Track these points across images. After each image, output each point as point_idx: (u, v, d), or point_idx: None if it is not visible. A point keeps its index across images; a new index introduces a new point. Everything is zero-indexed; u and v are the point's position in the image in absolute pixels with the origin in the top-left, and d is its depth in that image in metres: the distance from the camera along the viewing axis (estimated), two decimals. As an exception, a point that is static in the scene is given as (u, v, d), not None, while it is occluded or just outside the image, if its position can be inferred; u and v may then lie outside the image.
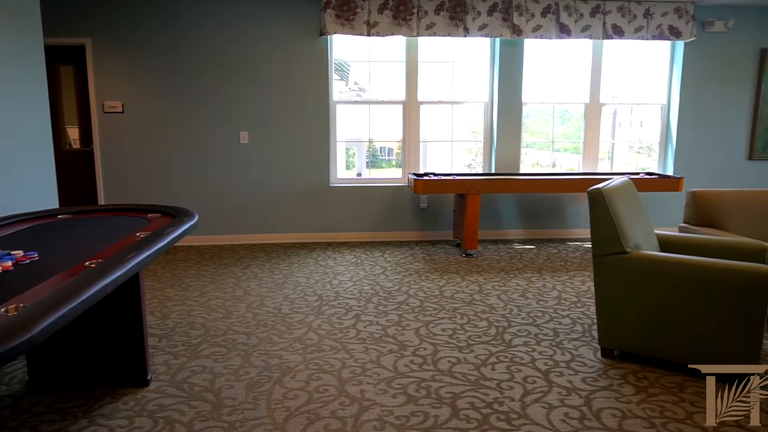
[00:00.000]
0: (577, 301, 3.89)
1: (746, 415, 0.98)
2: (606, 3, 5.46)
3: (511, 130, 5.78)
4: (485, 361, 2.92)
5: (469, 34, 5.37)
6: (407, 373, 2.78)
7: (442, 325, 3.43)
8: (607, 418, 2.36)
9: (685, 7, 5.54)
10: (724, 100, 5.91)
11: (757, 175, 6.03)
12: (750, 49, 5.84)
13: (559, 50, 5.91)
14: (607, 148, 6.41)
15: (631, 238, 2.79)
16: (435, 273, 4.60)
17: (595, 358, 2.95)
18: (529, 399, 2.52)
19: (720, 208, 3.86)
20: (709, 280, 2.57)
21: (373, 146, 6.38)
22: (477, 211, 5.05)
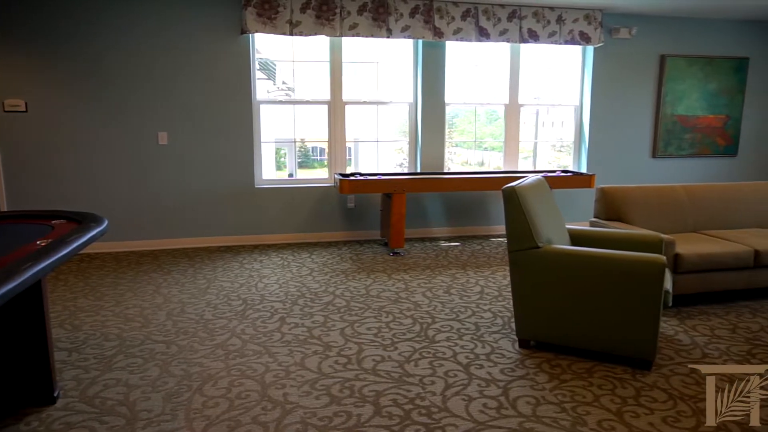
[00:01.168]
0: (499, 295, 4.04)
1: (746, 415, 1.02)
2: (522, 8, 5.70)
3: (436, 130, 5.91)
4: (409, 357, 2.97)
5: (392, 36, 5.44)
6: (331, 374, 2.78)
7: (367, 324, 3.45)
8: (523, 406, 2.46)
9: (593, 14, 5.88)
10: (630, 102, 6.33)
11: (660, 171, 6.50)
12: (651, 54, 6.28)
13: (481, 52, 6.10)
14: (531, 147, 6.70)
15: (543, 234, 2.93)
16: (362, 272, 4.62)
17: (513, 350, 3.08)
18: (450, 392, 2.59)
19: (625, 203, 4.13)
20: (612, 271, 2.75)
21: (304, 146, 6.32)
22: (403, 210, 5.12)
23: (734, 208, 4.37)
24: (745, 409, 1.00)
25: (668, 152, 6.50)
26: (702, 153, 6.60)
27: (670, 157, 6.53)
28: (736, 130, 6.64)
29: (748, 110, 6.64)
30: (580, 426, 2.30)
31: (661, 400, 2.52)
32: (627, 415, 2.40)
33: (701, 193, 4.37)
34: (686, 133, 6.50)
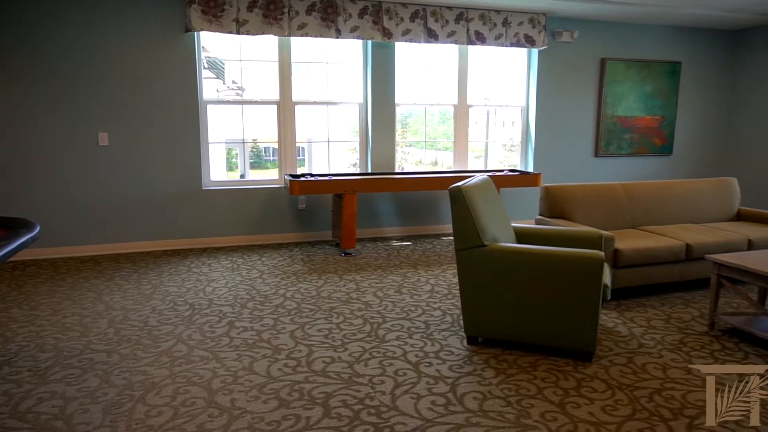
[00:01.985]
0: (448, 293, 4.10)
1: (746, 415, 1.04)
2: (469, 11, 5.80)
3: (386, 130, 5.94)
4: (359, 358, 2.98)
5: (341, 36, 5.43)
6: (280, 377, 2.75)
7: (318, 326, 3.44)
8: (470, 402, 2.51)
9: (537, 18, 6.05)
10: (573, 103, 6.55)
11: (602, 170, 6.75)
12: (592, 57, 6.52)
13: (430, 54, 6.17)
14: (483, 147, 6.83)
15: (489, 232, 2.99)
16: (313, 274, 4.59)
17: (461, 346, 3.13)
18: (399, 391, 2.61)
19: (568, 201, 4.27)
20: (554, 267, 2.84)
21: (256, 147, 6.21)
22: (354, 210, 5.12)
23: (669, 205, 4.59)
24: (745, 409, 1.03)
25: (609, 151, 6.77)
26: (640, 152, 6.90)
27: (611, 156, 6.80)
28: (671, 131, 6.98)
29: (681, 111, 7.00)
30: (524, 419, 2.37)
31: (601, 390, 2.63)
32: (569, 406, 2.48)
33: (638, 190, 4.57)
34: (626, 134, 6.79)
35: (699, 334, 3.34)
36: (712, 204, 4.72)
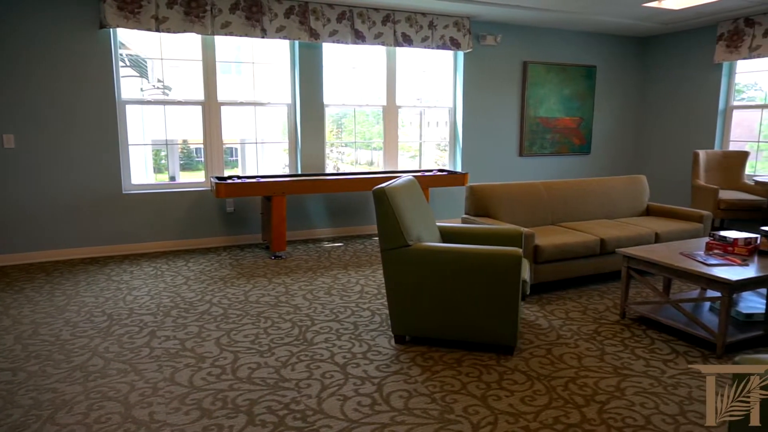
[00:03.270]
0: (378, 293, 4.13)
1: (746, 414, 1.06)
2: (396, 13, 5.87)
3: (315, 131, 5.90)
4: (286, 362, 2.94)
5: (267, 36, 5.34)
6: (203, 387, 2.67)
7: (244, 332, 3.36)
8: (395, 400, 2.54)
9: (462, 21, 6.21)
10: (498, 105, 6.77)
11: (527, 169, 7.03)
12: (515, 60, 6.77)
13: (359, 55, 6.18)
14: (417, 147, 6.92)
15: (413, 232, 3.04)
16: (242, 278, 4.49)
17: (389, 346, 3.16)
18: (326, 394, 2.60)
19: (492, 199, 4.41)
20: (475, 265, 2.92)
21: (186, 148, 6.00)
22: (283, 212, 5.06)
23: (586, 202, 4.84)
24: (745, 409, 1.05)
25: (533, 151, 7.05)
26: (561, 152, 7.23)
27: (534, 156, 7.08)
28: (588, 131, 7.37)
29: (597, 113, 7.40)
30: (448, 414, 2.43)
31: (521, 381, 2.73)
32: (490, 398, 2.56)
33: (558, 188, 4.79)
34: (547, 134, 7.09)
35: (612, 323, 3.54)
36: (625, 200, 5.02)
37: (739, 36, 6.26)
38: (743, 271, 3.08)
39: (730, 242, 3.46)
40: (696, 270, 3.10)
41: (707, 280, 3.06)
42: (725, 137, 6.79)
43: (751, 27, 6.12)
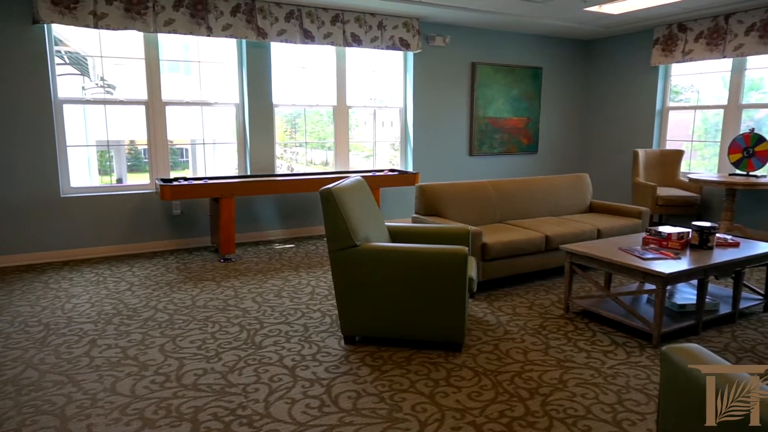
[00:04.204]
0: (329, 294, 4.11)
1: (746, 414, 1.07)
2: (345, 13, 5.85)
3: (264, 132, 5.82)
4: (233, 367, 2.89)
5: (213, 34, 5.23)
6: (146, 396, 2.59)
7: (191, 337, 3.28)
8: (344, 401, 2.54)
9: (411, 22, 6.26)
10: (448, 105, 6.86)
11: (476, 168, 7.15)
12: (464, 62, 6.88)
13: (309, 55, 6.13)
14: (371, 146, 6.93)
15: (361, 232, 3.04)
16: (189, 282, 4.38)
17: (339, 347, 3.15)
18: (274, 397, 2.57)
19: (441, 199, 4.46)
20: (422, 264, 2.95)
21: (134, 149, 5.79)
22: (232, 214, 4.96)
23: (532, 200, 4.97)
24: (745, 409, 1.06)
25: (483, 151, 7.18)
26: (510, 151, 7.40)
27: (484, 155, 7.22)
28: (535, 131, 7.57)
29: (544, 113, 7.61)
30: (396, 412, 2.44)
31: (468, 377, 2.78)
32: (438, 395, 2.60)
33: (506, 187, 4.90)
34: (496, 134, 7.24)
35: (556, 317, 3.65)
36: (569, 198, 5.19)
37: (673, 41, 6.57)
38: (676, 264, 3.24)
39: (665, 237, 3.63)
40: (632, 264, 3.23)
41: (643, 274, 3.20)
42: (662, 137, 7.11)
43: (684, 32, 6.44)
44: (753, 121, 6.16)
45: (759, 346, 3.19)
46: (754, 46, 5.77)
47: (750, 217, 6.07)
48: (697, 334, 3.37)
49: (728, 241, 3.72)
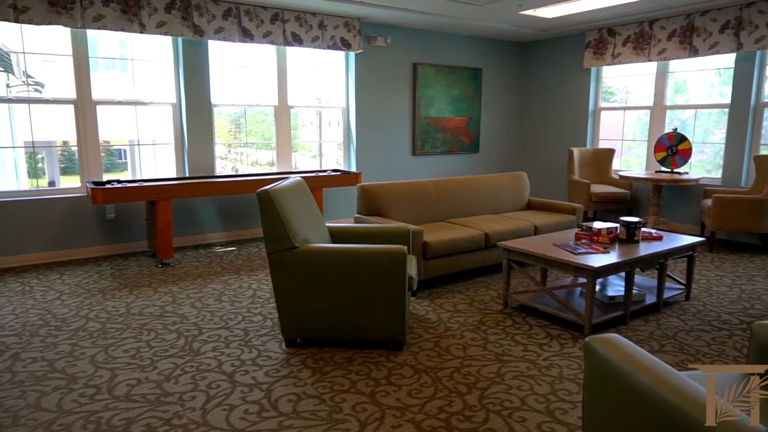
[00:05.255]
0: (271, 296, 4.06)
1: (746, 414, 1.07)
2: (285, 12, 5.78)
3: (203, 132, 5.68)
4: (169, 375, 2.80)
5: (146, 31, 5.04)
6: (74, 410, 2.47)
7: (124, 346, 3.16)
8: (284, 405, 2.51)
9: (352, 22, 6.26)
10: (390, 105, 6.91)
11: (420, 167, 7.24)
12: (406, 62, 6.94)
13: (249, 54, 6.02)
14: (317, 147, 6.87)
15: (300, 234, 3.02)
16: (124, 289, 4.22)
17: (280, 350, 3.12)
18: (211, 405, 2.51)
19: (383, 198, 4.49)
20: (361, 264, 2.96)
21: (68, 150, 5.50)
22: (169, 217, 4.81)
23: (473, 198, 5.08)
24: (745, 409, 1.08)
25: (425, 150, 7.27)
26: (452, 150, 7.53)
27: (427, 155, 7.31)
28: (477, 130, 7.74)
29: (484, 113, 7.79)
30: (336, 414, 2.44)
31: (408, 375, 2.81)
32: (378, 395, 2.61)
33: (446, 186, 4.98)
34: (438, 133, 7.35)
35: (495, 312, 3.75)
36: (508, 196, 5.34)
37: (603, 44, 6.88)
38: (605, 258, 3.39)
39: (595, 232, 3.80)
40: (565, 259, 3.37)
41: (574, 268, 3.33)
42: (595, 136, 7.43)
43: (613, 37, 6.75)
44: (680, 121, 6.54)
45: (680, 333, 3.39)
46: (675, 51, 6.13)
47: (675, 212, 6.44)
48: (625, 323, 3.54)
49: (653, 235, 3.93)
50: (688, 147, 5.93)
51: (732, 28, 5.63)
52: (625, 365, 1.58)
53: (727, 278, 4.58)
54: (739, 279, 4.56)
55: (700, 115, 6.42)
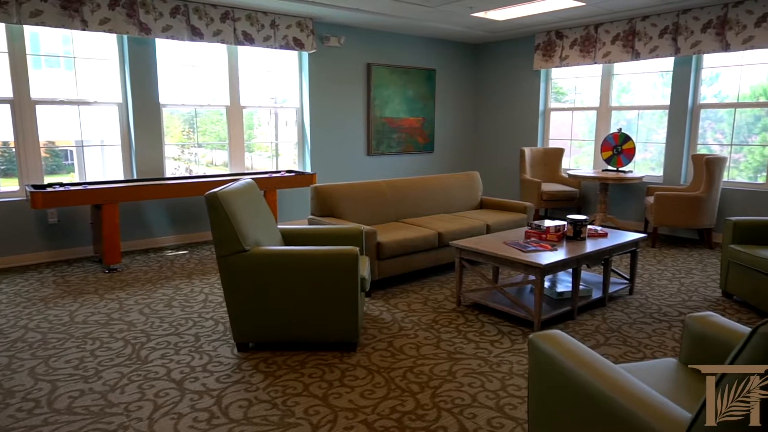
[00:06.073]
0: (223, 300, 3.97)
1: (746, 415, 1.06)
2: (235, 10, 5.69)
3: (151, 133, 5.51)
4: (115, 385, 2.71)
5: (89, 28, 4.86)
6: (10, 426, 2.36)
7: (66, 357, 3.04)
8: (235, 411, 2.47)
9: (305, 22, 6.21)
10: (345, 105, 6.89)
11: (375, 168, 7.25)
12: (360, 62, 6.94)
13: (200, 53, 5.88)
14: (273, 147, 6.78)
15: (251, 237, 2.98)
16: (68, 297, 4.05)
17: (232, 355, 3.07)
18: (159, 414, 2.45)
19: (337, 199, 4.48)
20: (313, 266, 2.95)
21: (9, 151, 5.21)
22: (116, 221, 4.65)
23: (426, 198, 5.13)
24: (745, 409, 1.08)
25: (380, 150, 7.30)
26: (407, 150, 7.59)
27: (382, 155, 7.34)
28: (431, 130, 7.82)
29: (438, 113, 7.88)
30: (288, 418, 2.42)
31: (362, 376, 2.82)
32: (331, 397, 2.61)
33: (400, 186, 5.01)
34: (393, 134, 7.39)
35: (449, 311, 3.80)
36: (461, 195, 5.42)
37: (552, 46, 7.07)
38: (553, 256, 3.49)
39: (544, 230, 3.90)
40: (514, 257, 3.44)
41: (524, 266, 3.42)
42: (546, 135, 7.63)
43: (561, 39, 6.95)
44: (626, 121, 6.79)
45: (624, 326, 3.52)
46: (619, 54, 6.36)
47: (621, 209, 6.69)
48: (573, 318, 3.66)
49: (598, 231, 4.07)
50: (632, 146, 6.17)
51: (670, 33, 5.90)
52: (566, 360, 1.63)
53: (668, 272, 4.79)
54: (679, 273, 4.78)
55: (645, 116, 6.69)
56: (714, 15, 5.57)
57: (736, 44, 5.44)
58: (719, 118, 6.07)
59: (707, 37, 5.63)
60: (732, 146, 5.94)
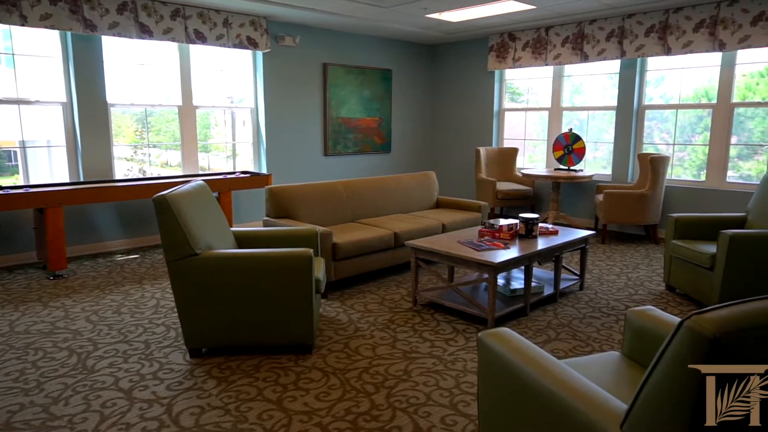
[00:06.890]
0: (175, 306, 3.88)
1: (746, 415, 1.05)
2: (186, 8, 5.55)
3: (98, 134, 5.33)
4: (58, 397, 2.61)
5: (29, 24, 4.65)
6: (-57, 443, 2.24)
7: (6, 369, 2.90)
8: (186, 419, 2.42)
9: (259, 21, 6.12)
10: (301, 105, 6.84)
11: (332, 168, 7.23)
12: (316, 62, 6.90)
13: (150, 51, 5.71)
14: (231, 147, 6.65)
15: (202, 240, 2.91)
16: (8, 306, 3.87)
17: (184, 361, 3.00)
18: (105, 425, 2.37)
19: (292, 200, 4.44)
20: (267, 268, 2.91)
21: None
22: (61, 225, 4.47)
23: (383, 198, 5.15)
24: (745, 409, 1.08)
25: (337, 150, 7.27)
26: (364, 150, 7.59)
27: (339, 155, 7.32)
28: (388, 130, 7.84)
29: (395, 113, 7.91)
30: (241, 423, 2.38)
31: (317, 379, 2.80)
32: (286, 400, 2.58)
33: (357, 186, 5.01)
34: (350, 134, 7.38)
35: (405, 310, 3.83)
36: (417, 195, 5.46)
37: (505, 48, 7.21)
38: (505, 254, 3.56)
39: (497, 229, 3.97)
40: (468, 256, 3.50)
41: (477, 264, 3.47)
42: (500, 135, 7.78)
43: (514, 41, 7.10)
44: (579, 121, 6.98)
45: (574, 321, 3.63)
46: (569, 56, 6.55)
47: (573, 207, 6.89)
48: (526, 315, 3.74)
49: (549, 229, 4.18)
50: (582, 146, 6.36)
51: (616, 37, 6.11)
52: (512, 357, 1.67)
53: (616, 267, 4.97)
54: (627, 267, 4.96)
55: (595, 116, 6.91)
56: (656, 20, 5.80)
57: (677, 48, 5.69)
58: (665, 118, 6.33)
59: (650, 41, 5.86)
60: (675, 145, 6.20)
